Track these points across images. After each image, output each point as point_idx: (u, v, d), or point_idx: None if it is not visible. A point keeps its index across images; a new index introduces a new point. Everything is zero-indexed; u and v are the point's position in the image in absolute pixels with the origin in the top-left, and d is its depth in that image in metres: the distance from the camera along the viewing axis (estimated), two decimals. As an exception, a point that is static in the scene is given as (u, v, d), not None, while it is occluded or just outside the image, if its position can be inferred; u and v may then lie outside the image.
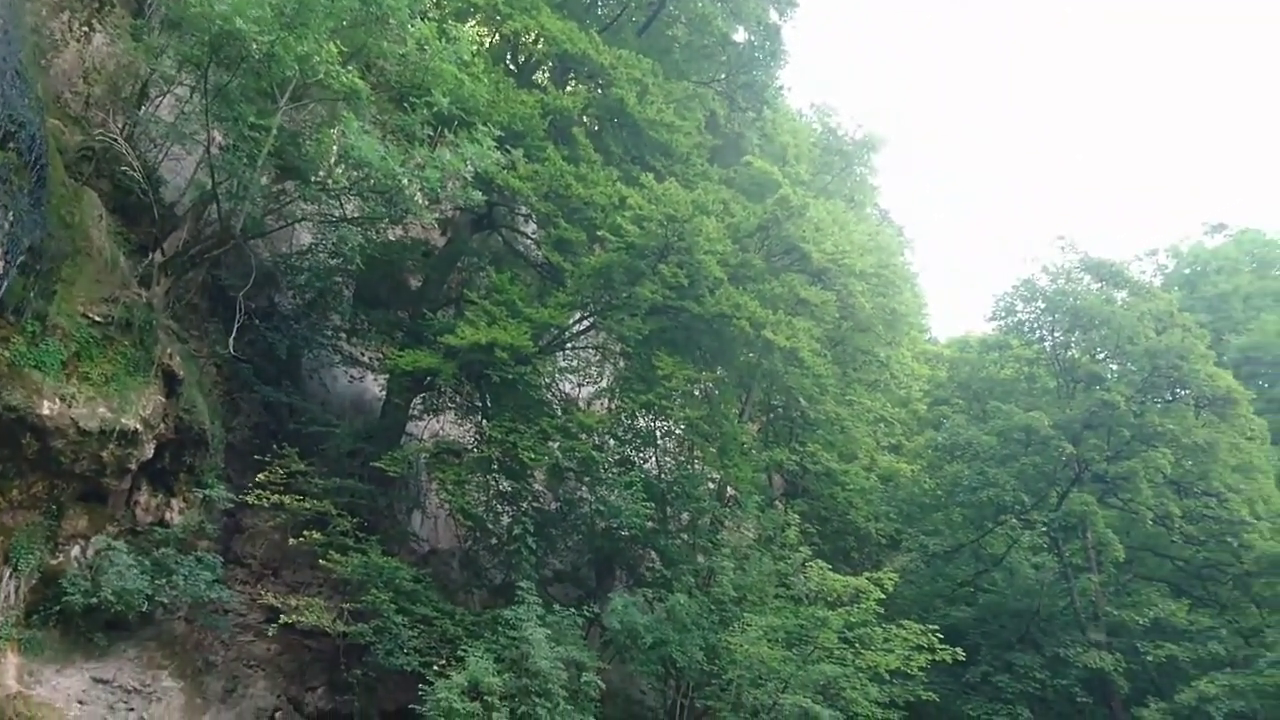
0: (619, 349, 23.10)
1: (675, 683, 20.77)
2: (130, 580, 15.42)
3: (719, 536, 22.94)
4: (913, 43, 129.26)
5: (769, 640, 19.17)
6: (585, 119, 25.01)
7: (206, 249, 17.93)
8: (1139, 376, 29.19)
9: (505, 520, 21.74)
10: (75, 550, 15.68)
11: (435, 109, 17.90)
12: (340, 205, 19.63)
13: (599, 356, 24.89)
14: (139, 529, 16.80)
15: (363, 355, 23.84)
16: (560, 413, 21.61)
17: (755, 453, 25.21)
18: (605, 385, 24.99)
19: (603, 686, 17.94)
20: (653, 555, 23.31)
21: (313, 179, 18.58)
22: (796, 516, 23.38)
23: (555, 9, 23.76)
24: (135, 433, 15.69)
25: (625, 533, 22.07)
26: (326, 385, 23.69)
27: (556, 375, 23.42)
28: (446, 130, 18.51)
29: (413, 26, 17.54)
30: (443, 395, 22.87)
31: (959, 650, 21.38)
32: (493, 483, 21.41)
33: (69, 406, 14.78)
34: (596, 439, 22.28)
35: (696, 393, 23.94)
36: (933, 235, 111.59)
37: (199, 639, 17.46)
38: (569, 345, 23.86)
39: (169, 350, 16.68)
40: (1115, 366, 31.01)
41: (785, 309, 22.29)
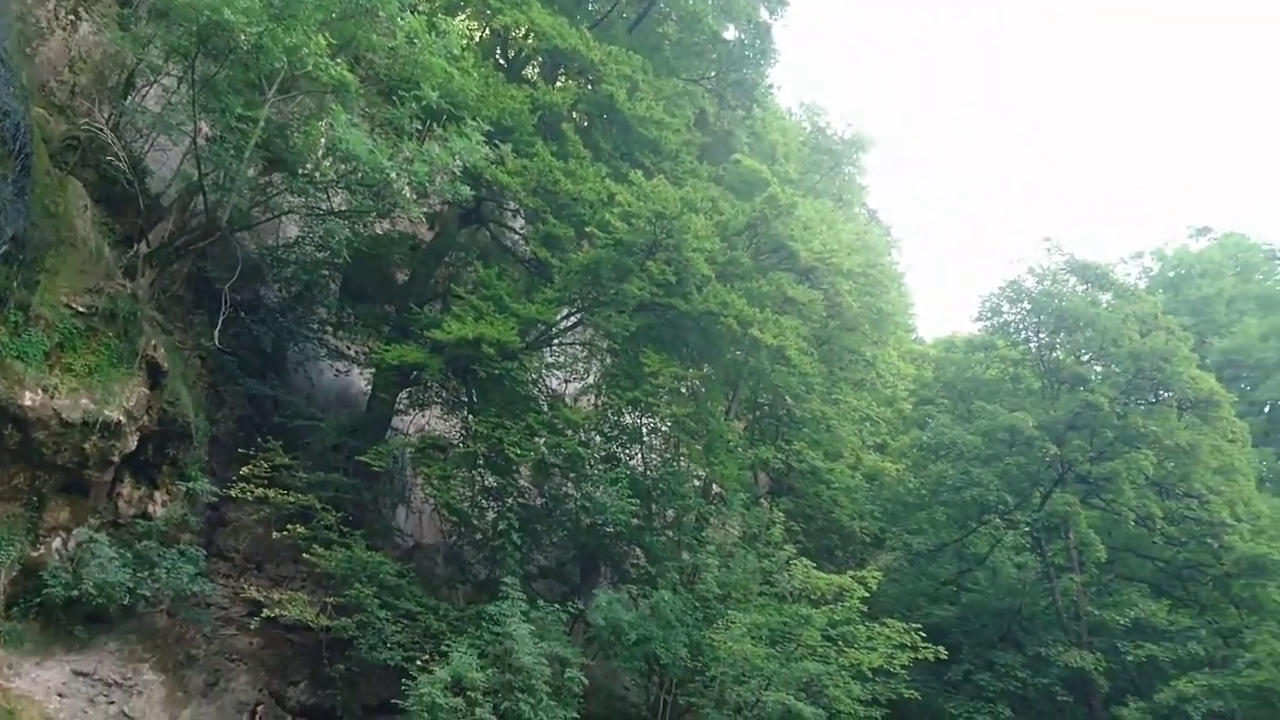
0: (606, 345, 23.07)
1: (659, 679, 20.81)
2: (112, 573, 15.33)
3: (704, 534, 22.98)
4: (902, 42, 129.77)
5: (753, 638, 19.22)
6: (575, 115, 24.96)
7: (192, 240, 17.81)
8: (1123, 378, 29.43)
9: (490, 516, 21.72)
10: (56, 542, 15.61)
11: (424, 103, 17.85)
12: (327, 198, 19.55)
13: (586, 353, 24.85)
14: (121, 521, 16.74)
15: (349, 349, 23.71)
16: (547, 409, 21.54)
17: (741, 450, 25.22)
18: (592, 381, 24.94)
19: (586, 682, 17.95)
20: (637, 552, 23.29)
21: (300, 171, 18.53)
22: (781, 514, 23.51)
23: (546, 4, 23.70)
24: (118, 424, 15.63)
25: (610, 529, 22.04)
26: (312, 379, 23.61)
27: (543, 371, 23.37)
28: (435, 124, 18.49)
29: (402, 20, 17.48)
30: (429, 390, 22.80)
31: (941, 649, 21.65)
32: (478, 478, 21.40)
33: (51, 397, 14.71)
34: (583, 435, 22.30)
35: (683, 390, 23.96)
36: (921, 234, 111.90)
37: (181, 632, 17.38)
38: (556, 341, 23.81)
39: (153, 342, 16.61)
40: (1099, 368, 31.22)
41: (772, 307, 22.32)
